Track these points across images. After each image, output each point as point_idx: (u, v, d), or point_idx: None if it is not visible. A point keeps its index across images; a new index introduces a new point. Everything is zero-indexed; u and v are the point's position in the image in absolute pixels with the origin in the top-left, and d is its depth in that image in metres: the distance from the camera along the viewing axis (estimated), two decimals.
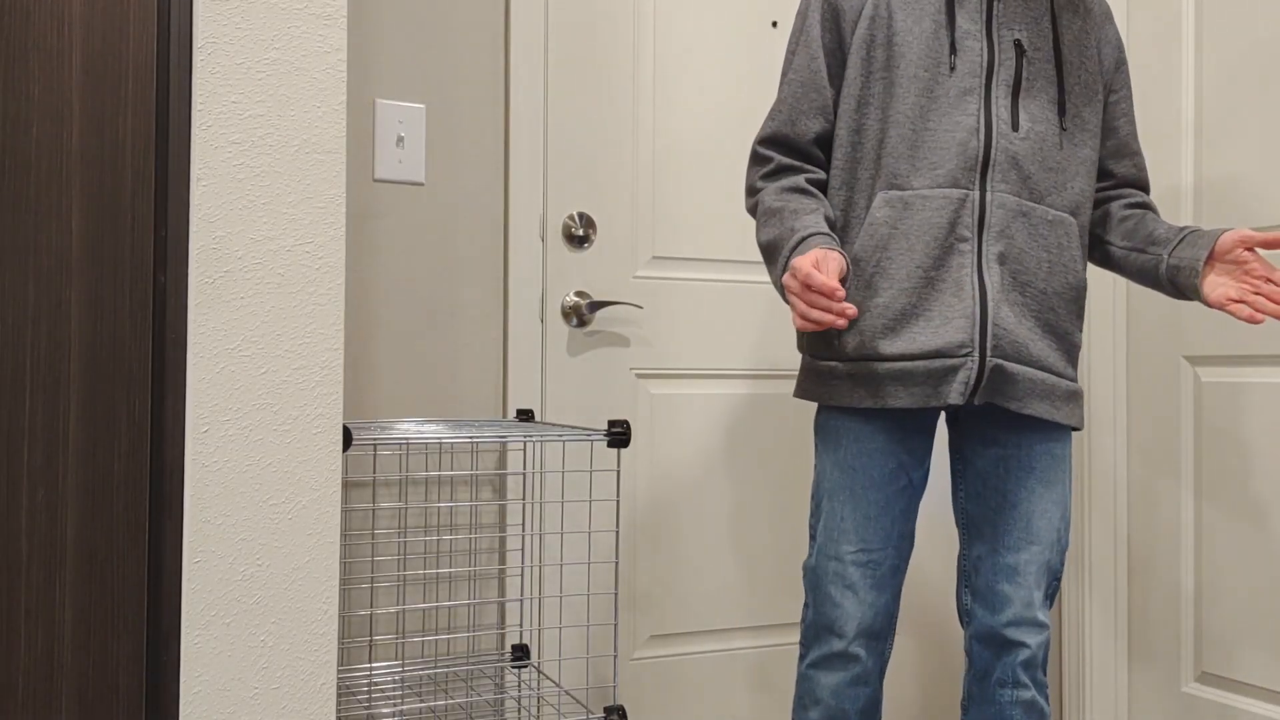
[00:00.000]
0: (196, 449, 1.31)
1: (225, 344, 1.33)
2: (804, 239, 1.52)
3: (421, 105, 2.03)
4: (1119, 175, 1.70)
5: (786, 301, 1.53)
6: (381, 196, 2.01)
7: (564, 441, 2.09)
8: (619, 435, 1.80)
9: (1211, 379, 2.14)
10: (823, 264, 1.46)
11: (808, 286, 1.43)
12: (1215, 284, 1.56)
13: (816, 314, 1.44)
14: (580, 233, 2.13)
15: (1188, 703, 2.17)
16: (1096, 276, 2.33)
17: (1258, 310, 1.52)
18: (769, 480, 2.30)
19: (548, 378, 2.10)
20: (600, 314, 2.15)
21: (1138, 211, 1.69)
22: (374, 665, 1.96)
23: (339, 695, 1.85)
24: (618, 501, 1.81)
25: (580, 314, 2.12)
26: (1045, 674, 1.62)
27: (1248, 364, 2.08)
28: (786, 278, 1.48)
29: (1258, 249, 1.61)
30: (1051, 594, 1.63)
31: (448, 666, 2.02)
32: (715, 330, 2.25)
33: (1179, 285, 1.60)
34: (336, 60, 1.39)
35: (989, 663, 1.62)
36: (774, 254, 1.57)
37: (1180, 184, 2.20)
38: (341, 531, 1.93)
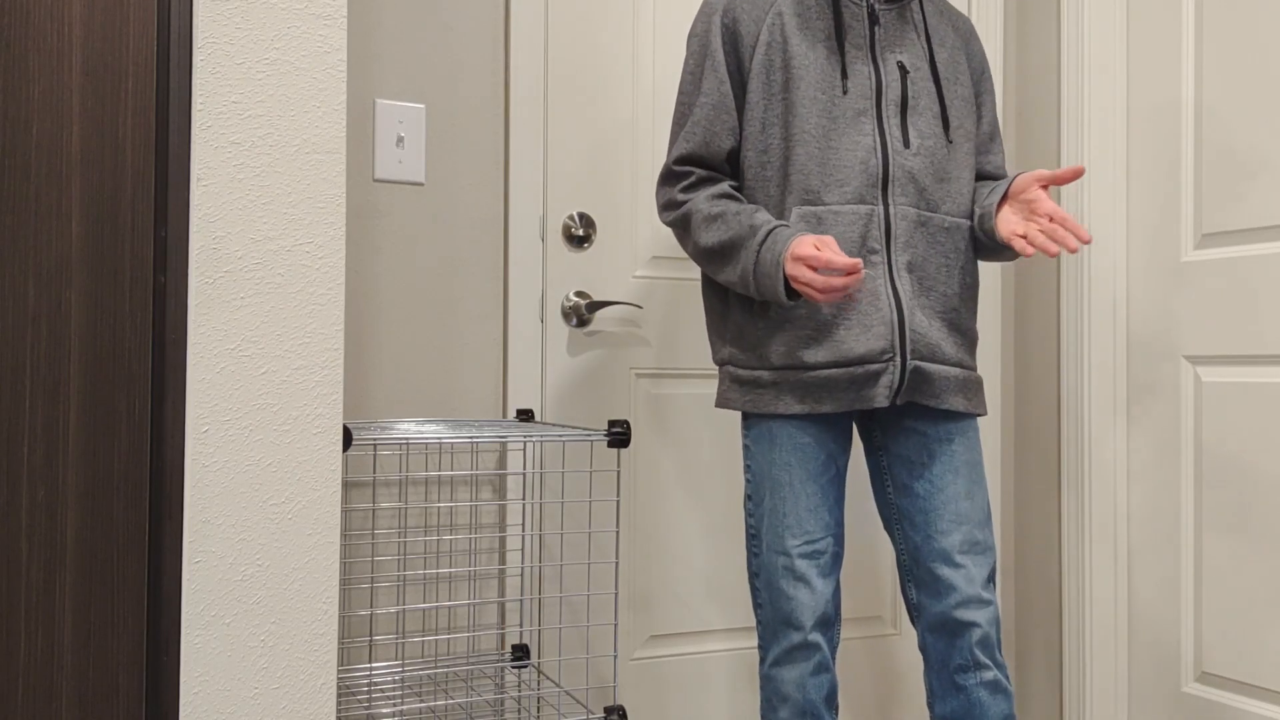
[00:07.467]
0: (196, 449, 1.31)
1: (225, 344, 1.33)
2: (771, 231, 1.60)
3: (421, 105, 2.03)
4: (979, 169, 1.82)
5: (754, 294, 1.62)
6: (381, 196, 2.01)
7: (564, 441, 2.09)
8: (619, 435, 1.80)
9: (1211, 379, 2.14)
10: (824, 245, 1.55)
11: (835, 269, 1.53)
12: (1006, 220, 1.67)
13: (839, 282, 1.54)
14: (580, 233, 2.13)
15: (1188, 703, 2.17)
16: (1097, 276, 2.33)
17: (1032, 244, 1.62)
18: None
19: (548, 378, 2.11)
20: (600, 314, 2.15)
21: (980, 188, 1.79)
22: (374, 665, 1.96)
23: (339, 695, 1.85)
24: (618, 501, 1.81)
25: (580, 314, 2.12)
26: (1002, 654, 1.67)
27: (1248, 364, 2.08)
28: (794, 267, 1.56)
29: (1050, 186, 1.76)
30: (992, 572, 1.68)
31: (448, 666, 2.02)
32: None
33: (986, 231, 1.70)
34: (336, 60, 1.39)
35: (945, 651, 1.67)
36: (733, 251, 1.64)
37: (1181, 182, 2.20)
38: (341, 531, 1.93)
